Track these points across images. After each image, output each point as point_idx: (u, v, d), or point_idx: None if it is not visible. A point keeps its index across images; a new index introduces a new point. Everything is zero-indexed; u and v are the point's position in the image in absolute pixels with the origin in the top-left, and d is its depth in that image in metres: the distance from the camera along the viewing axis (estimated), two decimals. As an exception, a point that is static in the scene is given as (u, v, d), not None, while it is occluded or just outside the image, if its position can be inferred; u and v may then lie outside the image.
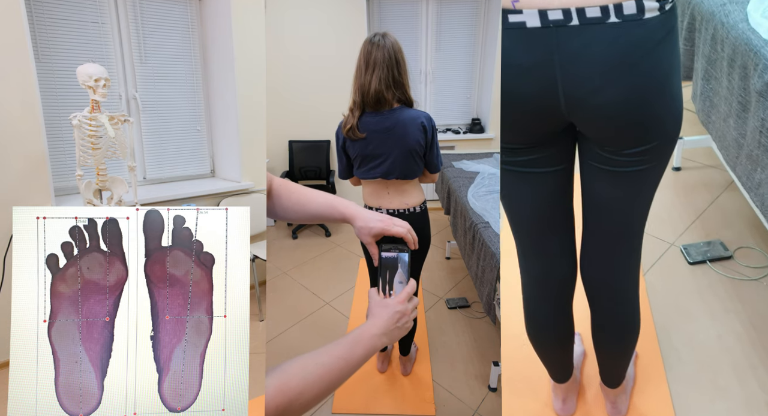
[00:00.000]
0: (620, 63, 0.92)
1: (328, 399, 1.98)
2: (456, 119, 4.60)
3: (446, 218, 3.28)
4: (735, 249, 2.14)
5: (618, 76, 0.93)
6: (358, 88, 1.66)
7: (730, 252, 2.12)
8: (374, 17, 4.24)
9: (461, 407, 1.94)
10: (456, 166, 3.23)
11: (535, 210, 1.22)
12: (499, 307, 1.87)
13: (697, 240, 2.20)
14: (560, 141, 1.13)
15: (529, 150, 1.13)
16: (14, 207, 1.01)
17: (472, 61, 4.44)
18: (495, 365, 2.02)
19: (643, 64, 0.92)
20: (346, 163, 1.81)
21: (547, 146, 1.12)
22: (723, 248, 2.13)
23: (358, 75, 1.66)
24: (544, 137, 1.10)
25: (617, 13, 0.88)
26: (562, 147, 1.15)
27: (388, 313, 0.94)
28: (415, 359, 2.20)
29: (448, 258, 3.32)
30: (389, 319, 0.93)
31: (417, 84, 4.43)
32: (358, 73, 1.66)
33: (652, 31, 0.90)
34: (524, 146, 1.12)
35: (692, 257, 2.12)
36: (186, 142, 3.03)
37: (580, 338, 1.78)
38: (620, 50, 0.91)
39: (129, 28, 2.68)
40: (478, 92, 4.52)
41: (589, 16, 0.89)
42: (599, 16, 0.89)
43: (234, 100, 2.89)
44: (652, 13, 0.89)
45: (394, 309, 0.94)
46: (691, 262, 2.11)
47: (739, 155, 1.74)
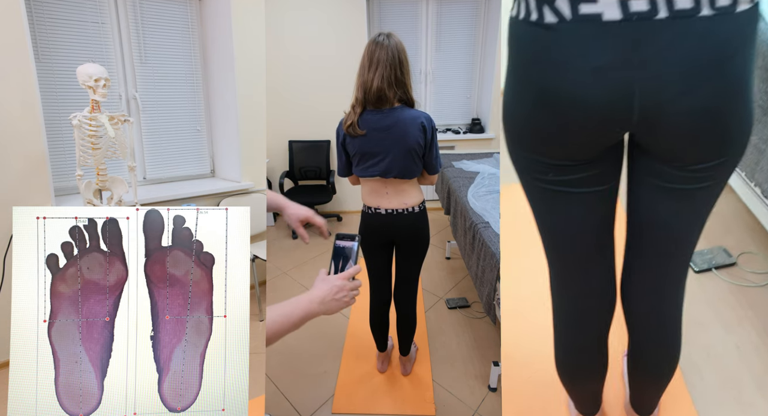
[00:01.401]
0: (707, 64, 0.80)
1: (328, 399, 1.98)
2: (456, 119, 4.60)
3: (446, 218, 3.28)
4: (738, 255, 2.12)
5: (703, 79, 0.81)
6: (360, 85, 1.68)
7: (733, 258, 2.10)
8: (374, 17, 4.24)
9: (461, 407, 1.94)
10: (456, 166, 3.23)
11: (582, 235, 1.09)
12: (499, 307, 1.87)
13: (700, 248, 2.15)
14: (612, 156, 1.01)
15: (579, 167, 0.98)
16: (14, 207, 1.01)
17: (472, 61, 4.44)
18: (495, 365, 2.02)
19: (729, 66, 0.81)
20: (345, 160, 1.81)
21: (599, 162, 0.99)
22: (726, 254, 2.11)
23: (362, 72, 1.68)
24: (600, 152, 0.97)
25: (711, 5, 0.76)
26: (613, 162, 1.03)
27: (328, 286, 1.08)
28: (415, 359, 2.20)
29: (448, 258, 3.32)
30: (328, 291, 1.07)
31: (417, 84, 4.43)
32: (361, 70, 1.68)
33: (742, 26, 0.79)
34: (576, 163, 0.98)
35: (698, 265, 2.08)
36: (186, 142, 3.03)
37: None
38: (710, 48, 0.79)
39: (129, 28, 2.68)
40: (478, 92, 4.52)
41: (679, 7, 0.77)
42: (690, 8, 0.77)
43: (234, 100, 2.89)
44: (745, 5, 0.78)
45: (333, 284, 1.09)
46: (697, 271, 2.08)
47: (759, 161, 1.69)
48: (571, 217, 1.06)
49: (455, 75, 4.47)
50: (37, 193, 2.27)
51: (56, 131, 2.45)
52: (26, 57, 2.14)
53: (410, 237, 1.86)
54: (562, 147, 0.95)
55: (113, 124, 2.05)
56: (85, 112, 2.03)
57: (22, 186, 2.23)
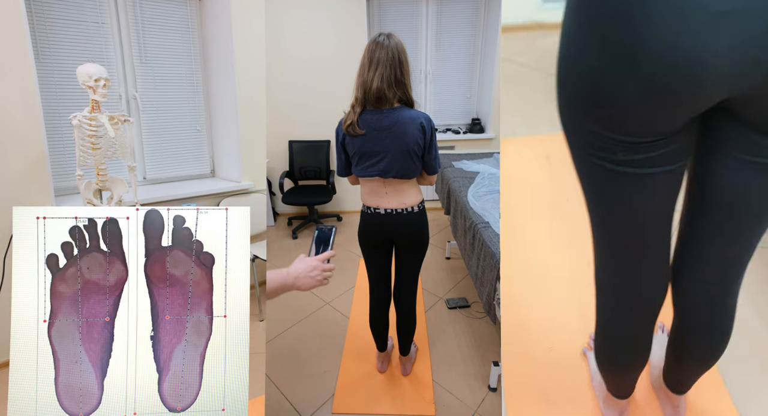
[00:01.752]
0: None
1: (328, 399, 1.98)
2: (456, 119, 4.60)
3: (446, 218, 3.28)
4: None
5: None
6: (360, 85, 1.68)
7: None
8: (374, 17, 4.25)
9: (461, 407, 1.94)
10: (456, 166, 3.23)
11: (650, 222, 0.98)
12: (499, 307, 1.87)
13: None
14: (694, 126, 0.87)
15: (658, 143, 0.84)
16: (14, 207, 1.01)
17: (472, 61, 4.44)
18: (495, 365, 2.02)
19: None
20: (344, 160, 1.82)
21: (680, 136, 0.85)
22: None
23: (362, 72, 1.68)
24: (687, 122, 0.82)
25: None
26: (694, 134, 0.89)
27: (304, 265, 1.24)
28: (415, 359, 2.20)
29: (448, 258, 3.32)
30: (303, 269, 1.23)
31: (417, 84, 4.43)
32: (361, 70, 1.68)
33: None
34: (656, 138, 0.83)
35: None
36: (186, 142, 3.03)
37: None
38: None
39: (129, 28, 2.68)
40: (478, 92, 4.52)
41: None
42: None
43: (234, 100, 2.89)
44: None
45: (309, 263, 1.24)
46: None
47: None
48: (640, 203, 0.93)
49: (455, 75, 4.47)
50: (37, 193, 2.27)
51: (56, 131, 2.45)
52: (26, 57, 2.14)
53: (409, 237, 1.86)
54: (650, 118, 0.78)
55: (113, 124, 2.06)
56: (85, 112, 2.03)
57: (22, 186, 2.23)
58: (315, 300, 2.75)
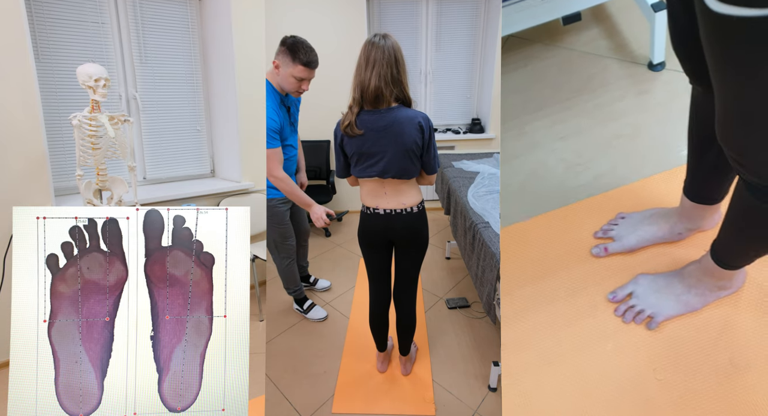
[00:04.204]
0: None
1: (328, 399, 1.98)
2: (456, 119, 4.60)
3: (446, 218, 3.28)
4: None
5: None
6: (357, 85, 1.68)
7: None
8: (374, 17, 4.24)
9: (461, 407, 1.94)
10: (456, 166, 3.23)
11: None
12: (499, 307, 1.87)
13: None
14: None
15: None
16: (14, 207, 1.01)
17: (472, 61, 4.44)
18: (495, 365, 2.02)
19: None
20: (343, 161, 1.81)
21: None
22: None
23: (358, 72, 1.68)
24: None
25: None
26: None
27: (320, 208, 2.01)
28: (415, 359, 2.20)
29: (448, 258, 3.32)
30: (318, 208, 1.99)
31: (417, 84, 4.43)
32: (358, 70, 1.68)
33: None
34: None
35: None
36: (186, 142, 3.03)
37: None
38: None
39: (129, 28, 2.68)
40: (478, 92, 4.52)
41: None
42: None
43: (234, 99, 2.89)
44: None
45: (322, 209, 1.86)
46: None
47: None
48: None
49: (455, 75, 4.47)
50: (37, 193, 2.27)
51: (56, 131, 2.45)
52: (26, 57, 2.14)
53: (409, 237, 1.86)
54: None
55: (113, 124, 2.06)
56: (85, 112, 2.03)
57: (22, 186, 2.23)
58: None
